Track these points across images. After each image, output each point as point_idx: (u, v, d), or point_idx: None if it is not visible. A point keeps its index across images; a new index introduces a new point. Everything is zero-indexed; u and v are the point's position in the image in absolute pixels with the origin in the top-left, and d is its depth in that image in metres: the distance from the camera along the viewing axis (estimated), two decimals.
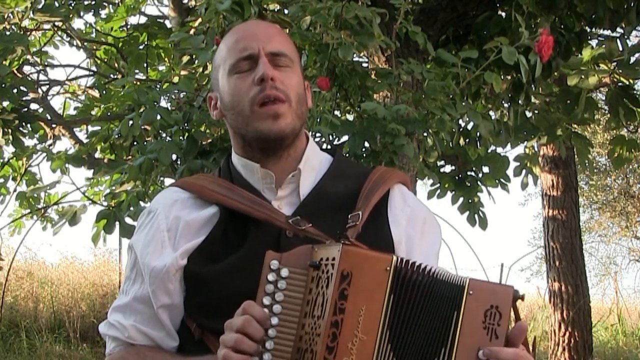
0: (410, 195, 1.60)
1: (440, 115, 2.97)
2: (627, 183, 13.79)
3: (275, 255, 1.32)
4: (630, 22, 4.04)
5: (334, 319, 1.23)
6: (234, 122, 1.53)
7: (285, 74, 1.50)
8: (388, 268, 1.26)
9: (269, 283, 1.30)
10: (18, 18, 4.59)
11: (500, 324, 1.30)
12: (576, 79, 4.37)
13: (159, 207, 1.54)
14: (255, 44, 1.50)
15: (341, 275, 1.24)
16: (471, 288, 1.30)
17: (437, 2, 3.88)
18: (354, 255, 1.26)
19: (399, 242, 1.51)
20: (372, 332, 1.24)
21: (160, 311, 1.48)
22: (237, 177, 1.55)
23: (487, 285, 1.33)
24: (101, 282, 9.07)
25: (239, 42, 1.52)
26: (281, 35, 1.58)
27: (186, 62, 4.20)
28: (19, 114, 4.52)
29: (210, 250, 1.46)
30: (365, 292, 1.25)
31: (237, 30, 1.58)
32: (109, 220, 3.32)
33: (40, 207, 5.51)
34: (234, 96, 1.51)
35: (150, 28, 5.56)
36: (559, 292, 7.04)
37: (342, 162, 1.63)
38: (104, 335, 1.56)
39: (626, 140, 4.99)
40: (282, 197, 1.51)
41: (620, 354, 9.00)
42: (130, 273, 1.54)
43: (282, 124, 1.48)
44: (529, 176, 5.18)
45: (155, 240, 1.50)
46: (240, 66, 1.50)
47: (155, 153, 2.89)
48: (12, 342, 7.61)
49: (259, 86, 1.47)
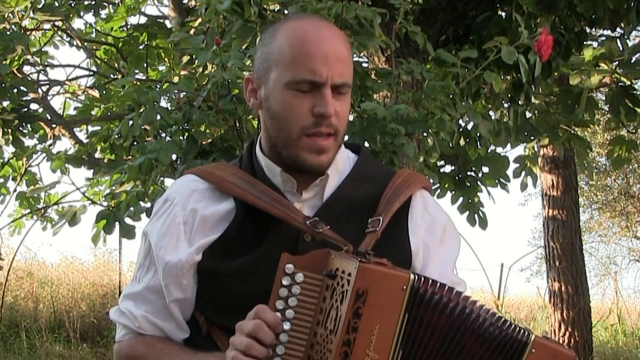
0: (431, 201, 1.57)
1: (440, 115, 2.97)
2: (627, 183, 13.79)
3: (290, 259, 1.31)
4: (630, 22, 4.04)
5: (347, 338, 1.22)
6: (274, 133, 1.47)
7: (341, 105, 1.45)
8: (405, 287, 1.25)
9: (283, 287, 1.29)
10: (18, 18, 4.60)
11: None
12: (578, 79, 4.37)
13: (177, 197, 1.50)
14: (325, 72, 1.41)
15: (356, 294, 1.23)
16: (534, 346, 1.28)
17: (437, 2, 3.88)
18: (370, 273, 1.24)
19: (417, 252, 1.49)
20: (384, 351, 1.23)
21: (172, 305, 1.47)
22: (260, 172, 1.51)
23: (550, 347, 1.30)
24: (101, 282, 9.07)
25: (308, 57, 1.41)
26: (349, 58, 1.49)
27: (186, 62, 4.21)
28: (19, 114, 4.52)
29: (227, 247, 1.44)
30: (379, 310, 1.24)
31: (308, 37, 1.44)
32: (108, 221, 3.32)
33: (40, 207, 5.51)
34: (285, 111, 1.44)
35: (150, 28, 5.57)
36: (559, 292, 7.04)
37: (366, 162, 1.58)
38: (114, 321, 1.55)
39: (625, 141, 4.99)
40: (306, 199, 1.49)
41: (620, 354, 8.99)
42: (144, 260, 1.52)
43: (324, 159, 1.45)
44: (528, 177, 5.18)
45: (171, 233, 1.48)
46: (301, 87, 1.42)
47: (155, 153, 2.88)
48: (12, 342, 7.60)
49: (315, 118, 1.42)
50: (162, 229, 1.49)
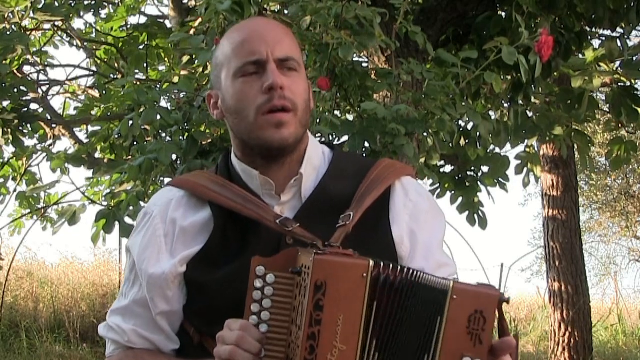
0: (412, 188, 1.56)
1: (440, 115, 2.97)
2: (627, 183, 13.80)
3: (261, 261, 1.30)
4: (630, 22, 4.04)
5: (311, 331, 1.21)
6: (237, 127, 1.50)
7: (293, 80, 1.46)
8: (365, 274, 1.23)
9: (256, 290, 1.28)
10: (18, 17, 4.60)
11: (484, 329, 1.27)
12: (580, 81, 4.37)
13: (155, 210, 1.52)
14: (264, 48, 1.44)
15: (315, 286, 1.21)
16: (455, 292, 1.27)
17: (437, 2, 3.88)
18: (327, 264, 1.23)
19: (401, 241, 1.49)
20: (352, 341, 1.22)
21: (159, 317, 1.48)
22: (236, 177, 1.52)
23: (471, 289, 1.29)
24: (101, 282, 9.07)
25: (245, 43, 1.46)
26: (288, 36, 1.52)
27: (186, 62, 4.21)
28: (19, 114, 4.52)
29: (210, 257, 1.45)
30: (341, 301, 1.22)
31: (243, 29, 1.51)
32: (108, 220, 3.33)
33: (40, 207, 5.51)
34: (239, 101, 1.46)
35: (150, 28, 5.57)
36: (559, 292, 7.04)
37: (342, 157, 1.60)
38: (103, 337, 1.55)
39: (624, 142, 4.99)
40: (285, 202, 1.49)
41: (620, 354, 9.00)
42: (129, 275, 1.53)
43: (285, 133, 1.44)
44: (530, 175, 5.17)
45: (152, 246, 1.49)
46: (246, 70, 1.45)
47: (155, 153, 2.89)
48: (12, 342, 7.60)
49: (266, 95, 1.43)
50: (144, 243, 1.50)
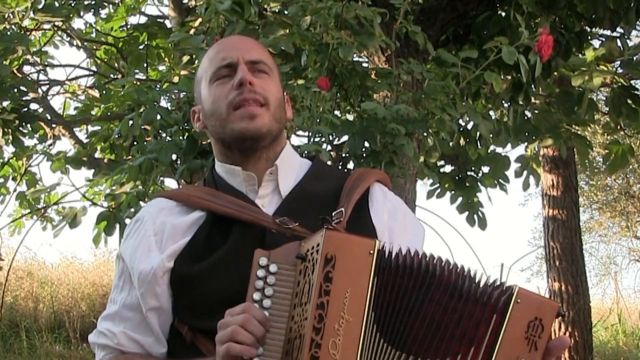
0: (389, 192, 1.63)
1: (440, 115, 2.97)
2: (627, 183, 13.79)
3: (264, 253, 1.34)
4: (630, 22, 4.04)
5: (320, 301, 1.25)
6: (214, 128, 1.57)
7: (263, 81, 1.56)
8: (372, 252, 1.28)
9: (258, 279, 1.33)
10: (18, 18, 4.60)
11: (541, 337, 1.30)
12: (580, 80, 4.37)
13: (146, 216, 1.57)
14: (235, 53, 1.57)
15: (325, 259, 1.26)
16: (519, 296, 1.31)
17: (437, 2, 3.88)
18: (338, 238, 1.28)
19: (382, 234, 1.53)
20: (358, 314, 1.26)
21: (150, 315, 1.50)
22: (222, 183, 1.58)
23: (534, 297, 1.34)
24: (101, 282, 9.08)
25: (219, 53, 1.60)
26: (259, 47, 1.65)
27: (186, 62, 4.21)
28: (19, 114, 4.52)
29: (195, 250, 1.49)
30: (349, 274, 1.26)
31: (218, 44, 1.67)
32: (109, 222, 3.33)
33: (40, 207, 5.51)
34: (213, 102, 1.56)
35: (150, 28, 5.57)
36: (559, 292, 7.04)
37: (322, 165, 1.68)
38: (93, 344, 1.57)
39: (621, 145, 5.00)
40: (263, 195, 1.55)
41: (620, 354, 9.00)
42: (118, 281, 1.56)
43: (258, 123, 1.52)
44: (530, 177, 5.17)
45: (143, 245, 1.53)
46: (220, 74, 1.56)
47: (155, 153, 2.89)
48: (12, 342, 7.61)
49: (237, 90, 1.52)
50: (135, 244, 1.54)
